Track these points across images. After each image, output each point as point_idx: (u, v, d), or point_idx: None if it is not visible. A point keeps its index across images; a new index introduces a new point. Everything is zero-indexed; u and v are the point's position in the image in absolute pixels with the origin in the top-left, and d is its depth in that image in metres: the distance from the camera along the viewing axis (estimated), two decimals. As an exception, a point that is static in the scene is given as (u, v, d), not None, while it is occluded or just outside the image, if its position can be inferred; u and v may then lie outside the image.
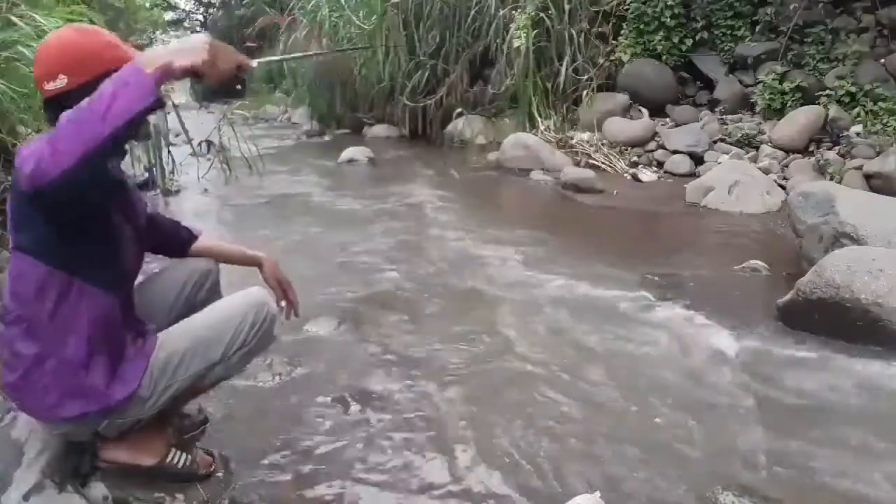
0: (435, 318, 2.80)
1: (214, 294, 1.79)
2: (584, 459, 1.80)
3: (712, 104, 7.07)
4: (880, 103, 5.72)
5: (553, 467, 1.76)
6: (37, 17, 4.01)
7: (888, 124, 5.54)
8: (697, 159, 6.29)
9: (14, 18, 3.87)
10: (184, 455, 1.64)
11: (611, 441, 1.88)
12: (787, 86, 6.30)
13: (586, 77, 7.48)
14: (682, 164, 6.27)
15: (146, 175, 5.39)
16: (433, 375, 2.27)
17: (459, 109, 8.17)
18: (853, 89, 5.92)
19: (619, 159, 6.57)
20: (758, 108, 6.58)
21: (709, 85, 7.32)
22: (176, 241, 1.82)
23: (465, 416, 2.01)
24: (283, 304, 1.84)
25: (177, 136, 6.70)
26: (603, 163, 6.53)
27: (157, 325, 1.61)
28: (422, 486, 1.68)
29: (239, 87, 1.35)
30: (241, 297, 1.63)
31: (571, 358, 2.42)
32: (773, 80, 6.39)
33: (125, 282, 1.54)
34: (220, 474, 1.67)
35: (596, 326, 2.71)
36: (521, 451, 1.82)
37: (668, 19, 7.19)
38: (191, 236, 1.84)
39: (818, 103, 6.07)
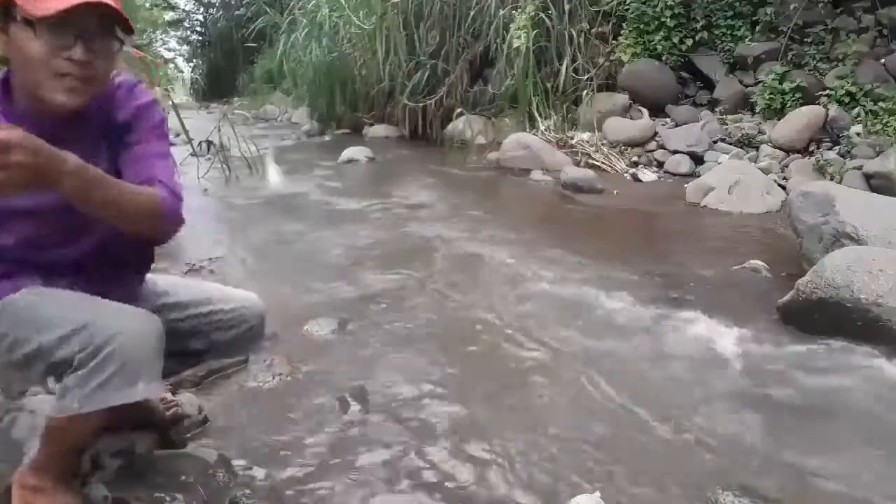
0: (435, 318, 2.80)
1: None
2: (584, 459, 1.80)
3: (712, 104, 7.07)
4: (880, 103, 5.73)
5: (553, 467, 1.76)
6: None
7: (888, 124, 5.54)
8: (697, 159, 6.30)
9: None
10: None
11: (610, 441, 1.88)
12: (787, 86, 6.30)
13: (586, 77, 7.49)
14: (682, 163, 6.28)
15: None
16: (433, 375, 2.27)
17: (459, 109, 8.17)
18: (853, 89, 5.92)
19: (619, 159, 6.57)
20: (758, 108, 6.58)
21: (709, 85, 7.32)
22: None
23: (466, 416, 2.01)
24: None
25: (177, 136, 6.69)
26: (603, 163, 6.54)
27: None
28: (422, 487, 1.68)
29: None
30: (116, 308, 1.36)
31: (571, 358, 2.42)
32: (773, 80, 6.39)
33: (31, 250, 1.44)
34: (220, 474, 1.67)
35: (595, 326, 2.71)
36: (521, 452, 1.82)
37: (668, 19, 7.19)
38: None
39: (818, 103, 6.07)
